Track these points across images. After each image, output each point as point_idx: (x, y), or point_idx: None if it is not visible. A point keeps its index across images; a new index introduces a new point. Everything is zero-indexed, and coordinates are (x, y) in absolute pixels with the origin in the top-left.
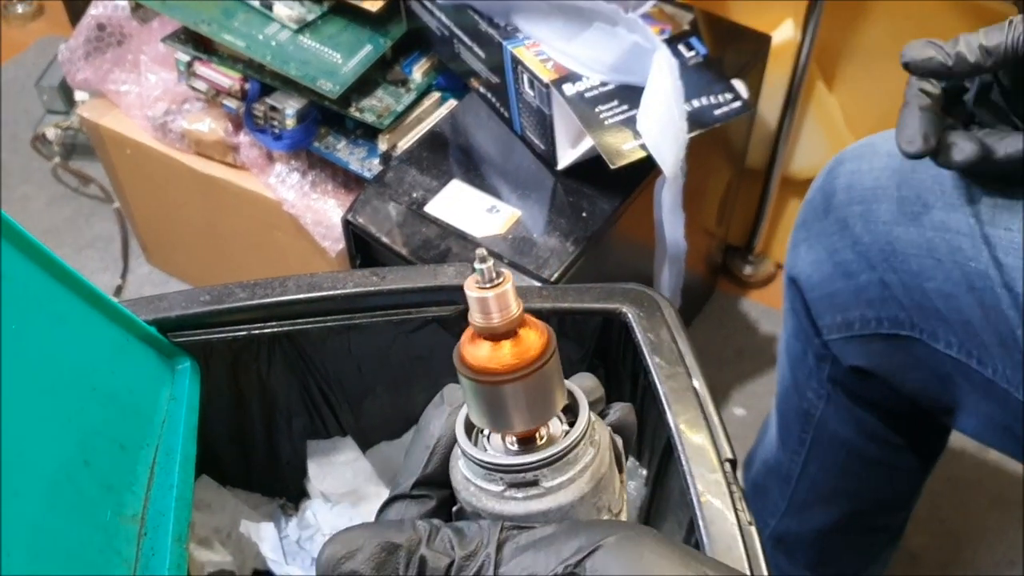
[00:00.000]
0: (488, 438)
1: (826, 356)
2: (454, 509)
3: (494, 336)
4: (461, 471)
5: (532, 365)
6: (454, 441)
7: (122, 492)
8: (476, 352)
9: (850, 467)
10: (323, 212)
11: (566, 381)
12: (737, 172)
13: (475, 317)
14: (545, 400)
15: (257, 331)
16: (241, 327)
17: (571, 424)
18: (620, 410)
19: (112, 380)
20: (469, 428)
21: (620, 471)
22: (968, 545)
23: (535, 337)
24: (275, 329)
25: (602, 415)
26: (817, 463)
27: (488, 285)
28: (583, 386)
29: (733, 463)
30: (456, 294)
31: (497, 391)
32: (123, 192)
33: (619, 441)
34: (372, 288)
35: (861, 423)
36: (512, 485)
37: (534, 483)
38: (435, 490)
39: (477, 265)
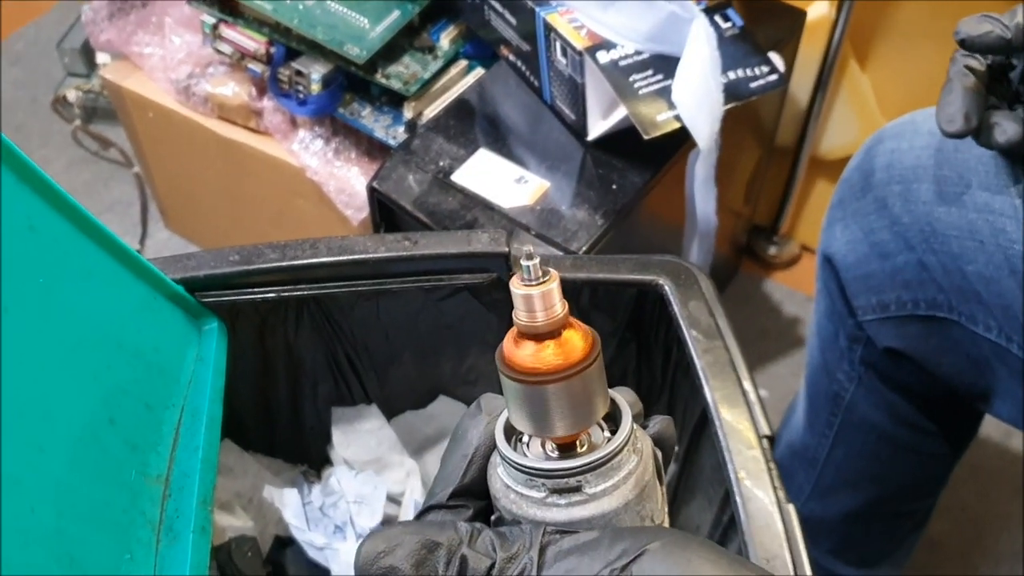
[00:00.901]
0: (527, 445)
1: (859, 338)
2: (492, 518)
3: (538, 336)
4: (501, 478)
5: (576, 366)
6: (492, 450)
7: (147, 452)
8: (520, 352)
9: (879, 452)
10: (346, 180)
11: (608, 390)
12: (766, 150)
13: (519, 315)
14: (588, 404)
15: (287, 293)
16: (270, 289)
17: (612, 433)
18: (660, 422)
19: (138, 338)
20: (509, 435)
21: (660, 483)
22: (989, 533)
23: (579, 339)
24: (304, 292)
25: (642, 428)
26: (845, 447)
27: (534, 283)
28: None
29: (771, 440)
30: (490, 262)
31: (540, 392)
32: (144, 156)
33: (659, 454)
34: (405, 253)
35: (892, 407)
36: (554, 491)
37: (577, 489)
38: (472, 500)
39: (524, 262)
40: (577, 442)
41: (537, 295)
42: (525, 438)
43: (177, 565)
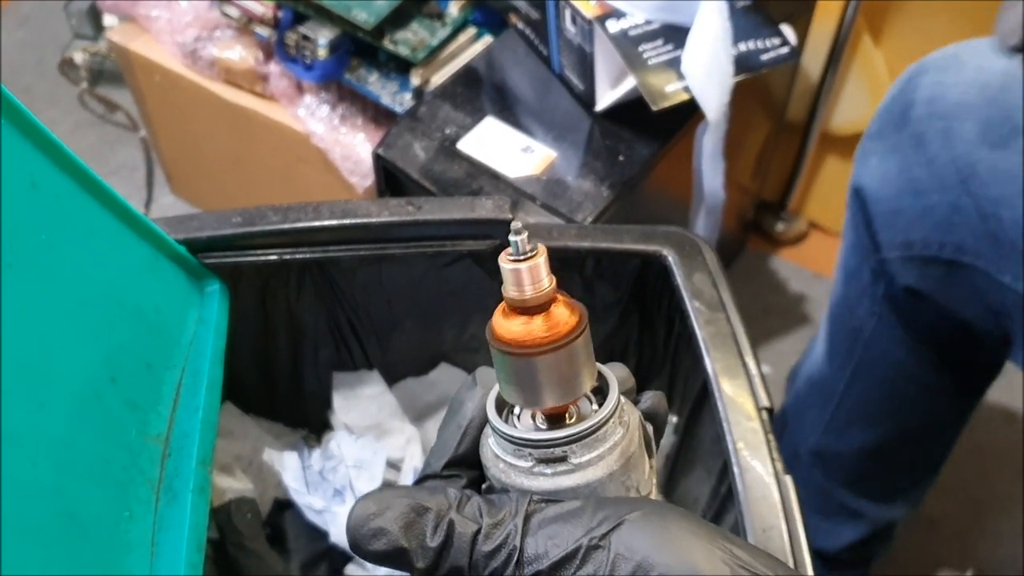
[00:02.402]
0: (518, 417)
1: (882, 274)
2: (483, 487)
3: (527, 310)
4: (491, 448)
5: (563, 340)
6: (485, 422)
7: (147, 411)
8: (509, 326)
9: (896, 389)
10: (351, 147)
11: (598, 365)
12: (776, 125)
13: (508, 290)
14: (575, 376)
15: (288, 256)
16: (272, 251)
17: (600, 406)
18: (652, 398)
19: (140, 298)
20: (500, 407)
21: (650, 456)
22: (989, 515)
23: (567, 313)
24: (306, 255)
25: (634, 403)
26: (863, 382)
27: (521, 257)
28: (615, 375)
29: (771, 412)
30: (493, 228)
31: (528, 364)
32: (150, 120)
33: (650, 428)
34: (407, 218)
35: (911, 345)
36: (541, 461)
37: (563, 459)
38: (466, 470)
39: (512, 237)
40: (566, 414)
41: (524, 269)
42: (516, 410)
43: (176, 524)
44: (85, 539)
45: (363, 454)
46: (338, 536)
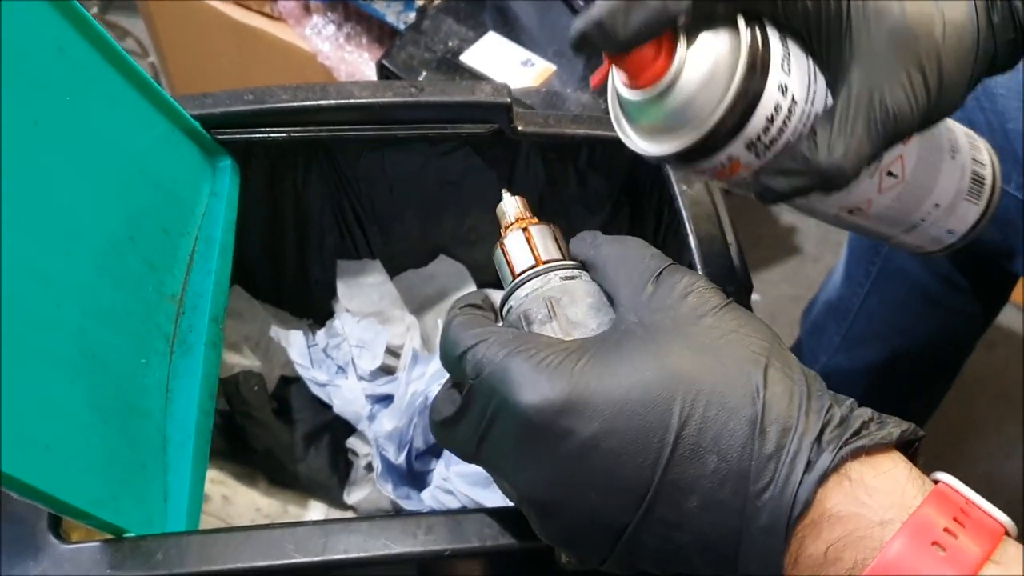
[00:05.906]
0: None
1: None
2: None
3: (505, 229)
4: (517, 303)
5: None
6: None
7: (163, 272)
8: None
9: (911, 303)
10: (357, 65)
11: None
12: None
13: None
14: (550, 244)
15: (297, 134)
16: (281, 129)
17: None
18: None
19: (158, 168)
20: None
21: None
22: (966, 437)
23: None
24: (313, 134)
25: None
26: (878, 296)
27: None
28: None
29: (749, 289)
30: (491, 112)
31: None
32: (160, 43)
33: None
34: (409, 99)
35: (929, 259)
36: (564, 279)
37: (577, 275)
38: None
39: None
40: None
41: (503, 202)
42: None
43: (190, 373)
44: (106, 377)
45: (365, 335)
46: (341, 408)
